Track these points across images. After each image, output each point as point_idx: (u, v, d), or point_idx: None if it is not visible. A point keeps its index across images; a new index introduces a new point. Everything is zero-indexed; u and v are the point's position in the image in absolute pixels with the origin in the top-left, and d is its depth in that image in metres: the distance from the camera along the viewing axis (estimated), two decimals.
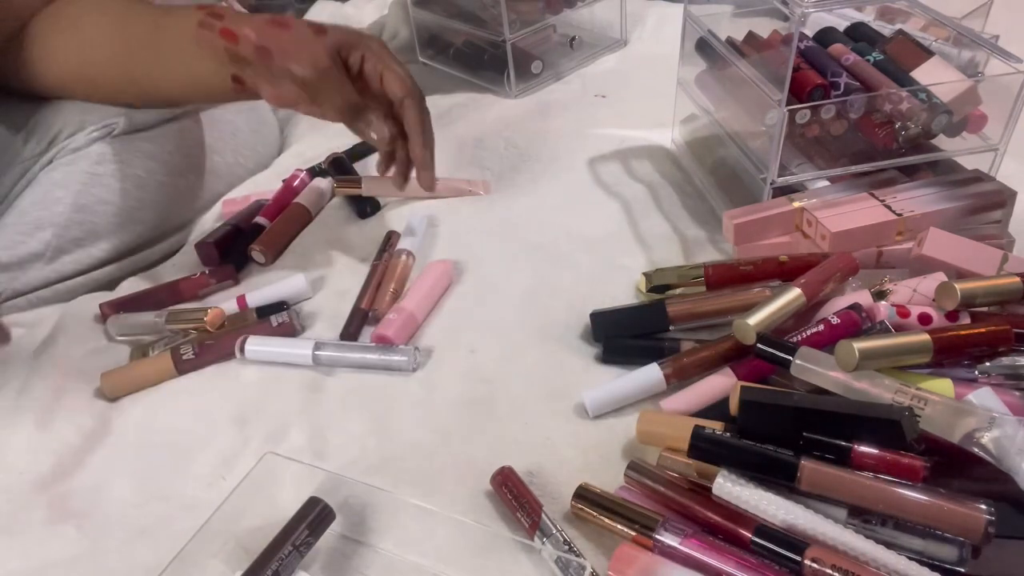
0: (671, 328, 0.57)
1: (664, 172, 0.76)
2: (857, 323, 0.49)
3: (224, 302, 0.64)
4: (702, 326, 0.57)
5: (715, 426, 0.45)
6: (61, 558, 0.47)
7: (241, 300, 0.64)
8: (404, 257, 0.65)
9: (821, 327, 0.50)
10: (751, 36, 0.70)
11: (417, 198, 0.76)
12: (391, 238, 0.69)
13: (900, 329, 0.49)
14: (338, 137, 0.87)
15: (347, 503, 0.48)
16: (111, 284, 0.69)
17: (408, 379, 0.57)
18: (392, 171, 0.70)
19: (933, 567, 0.38)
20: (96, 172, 0.68)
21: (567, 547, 0.43)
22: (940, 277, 0.52)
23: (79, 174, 0.67)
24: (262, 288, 0.65)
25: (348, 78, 0.63)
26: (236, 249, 0.69)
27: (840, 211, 0.58)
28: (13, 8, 0.68)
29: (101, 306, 0.64)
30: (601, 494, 0.45)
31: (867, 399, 0.44)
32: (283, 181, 0.77)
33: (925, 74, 0.61)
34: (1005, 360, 0.47)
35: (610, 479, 0.47)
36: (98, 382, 0.57)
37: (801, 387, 0.48)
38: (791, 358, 0.47)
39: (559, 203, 0.73)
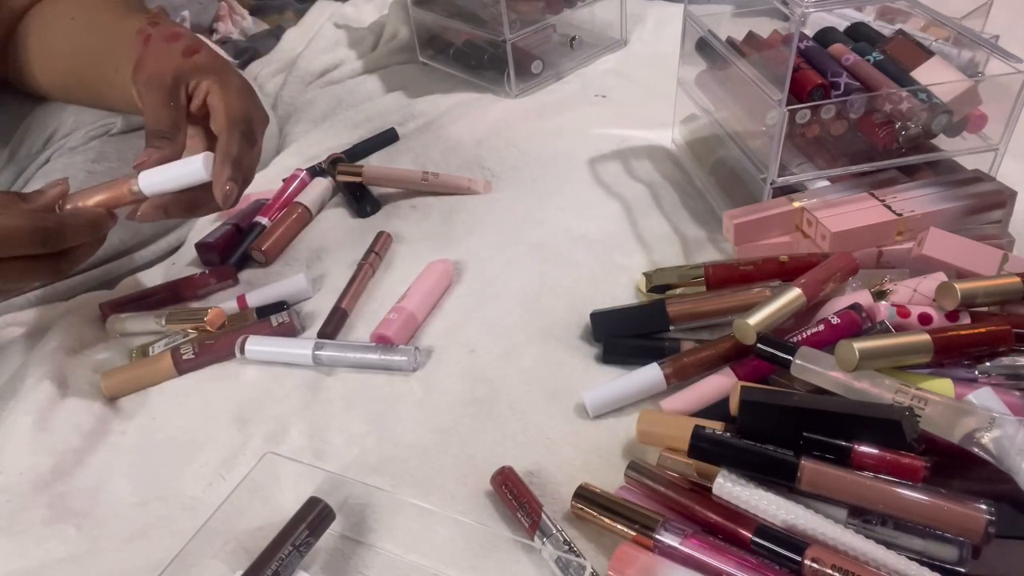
0: (671, 328, 0.57)
1: (664, 172, 0.76)
2: (857, 323, 0.49)
3: (224, 302, 0.64)
4: (702, 326, 0.57)
5: (715, 426, 0.45)
6: (61, 558, 0.47)
7: (241, 300, 0.64)
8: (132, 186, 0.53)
9: (821, 327, 0.50)
10: (751, 36, 0.70)
11: (421, 193, 0.76)
12: (380, 238, 0.68)
13: (900, 329, 0.49)
14: (338, 136, 0.87)
15: (347, 503, 0.48)
16: (110, 283, 0.69)
17: (408, 379, 0.57)
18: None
19: (933, 567, 0.38)
20: (93, 170, 0.68)
21: (567, 547, 0.43)
22: (940, 277, 0.52)
23: (76, 172, 0.67)
24: (262, 288, 0.65)
25: (180, 106, 0.56)
26: (236, 249, 0.69)
27: (840, 211, 0.58)
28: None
29: (101, 306, 0.64)
30: (601, 494, 0.45)
31: (867, 399, 0.44)
32: (283, 180, 0.77)
33: (925, 74, 0.61)
34: (1005, 360, 0.47)
35: (610, 479, 0.47)
36: (98, 382, 0.57)
37: (801, 387, 0.48)
38: (791, 358, 0.46)
39: (559, 203, 0.73)
